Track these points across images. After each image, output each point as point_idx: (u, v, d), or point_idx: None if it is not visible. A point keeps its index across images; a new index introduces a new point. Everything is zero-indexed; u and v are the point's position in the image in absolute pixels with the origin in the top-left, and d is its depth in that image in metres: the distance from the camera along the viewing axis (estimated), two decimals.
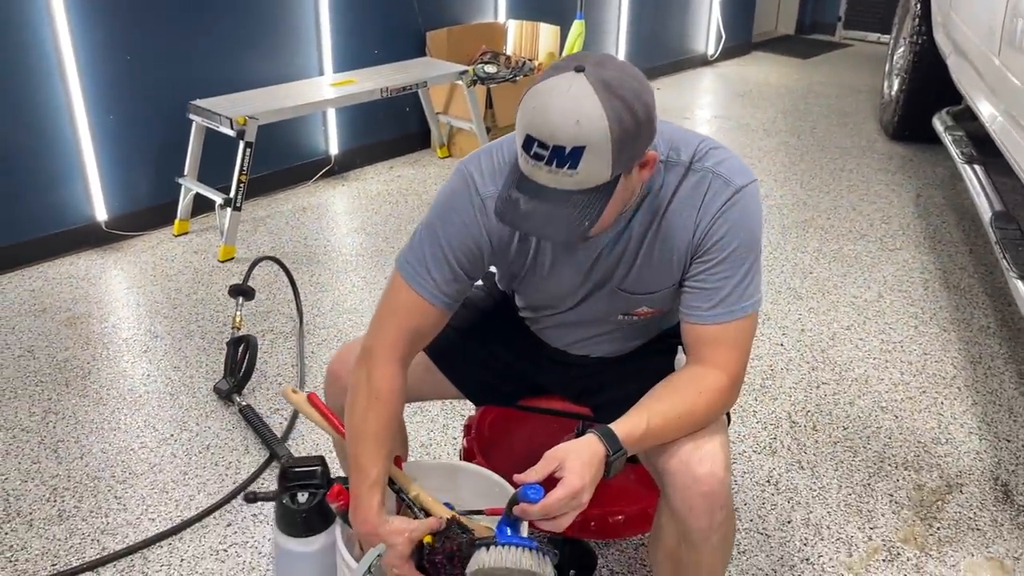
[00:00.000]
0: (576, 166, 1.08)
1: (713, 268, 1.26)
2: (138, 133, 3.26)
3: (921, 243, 3.34)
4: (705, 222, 1.26)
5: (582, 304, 1.42)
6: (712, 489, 1.24)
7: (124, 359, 2.55)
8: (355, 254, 3.23)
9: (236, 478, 2.07)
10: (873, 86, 5.50)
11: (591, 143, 1.07)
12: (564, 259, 1.34)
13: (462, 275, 1.31)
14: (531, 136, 1.09)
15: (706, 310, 1.27)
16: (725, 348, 1.27)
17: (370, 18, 3.89)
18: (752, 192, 1.27)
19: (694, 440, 1.26)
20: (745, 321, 1.27)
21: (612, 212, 1.19)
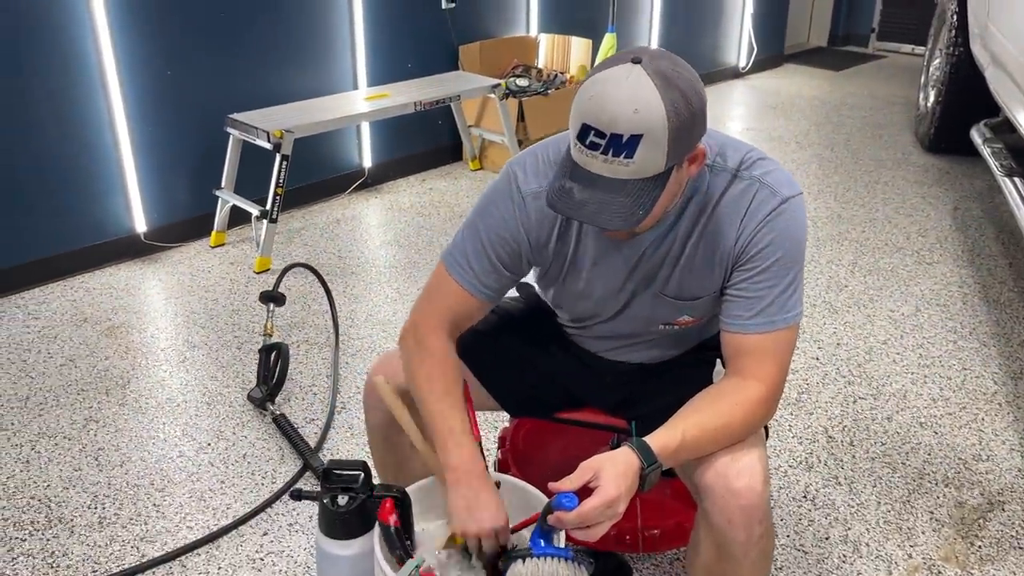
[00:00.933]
0: (632, 155, 1.10)
1: (756, 277, 1.26)
2: (177, 146, 3.32)
3: (959, 256, 3.30)
4: (749, 230, 1.25)
5: (623, 312, 1.41)
6: (751, 503, 1.23)
7: (162, 368, 2.59)
8: (388, 266, 3.25)
9: (272, 487, 2.08)
10: (908, 98, 5.45)
11: (648, 132, 1.08)
12: (606, 259, 1.34)
13: (501, 268, 1.35)
14: (588, 125, 1.10)
15: (747, 319, 1.26)
16: (764, 359, 1.26)
17: (404, 33, 3.93)
18: (798, 204, 1.27)
19: (731, 453, 1.25)
20: (786, 332, 1.27)
21: (662, 205, 1.19)
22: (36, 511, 2.00)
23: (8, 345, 2.70)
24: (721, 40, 5.86)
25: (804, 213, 1.28)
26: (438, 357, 1.35)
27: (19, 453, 2.20)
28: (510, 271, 1.36)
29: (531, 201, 1.31)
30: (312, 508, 2.00)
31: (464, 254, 1.35)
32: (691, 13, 5.53)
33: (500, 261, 1.34)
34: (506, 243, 1.33)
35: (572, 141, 1.14)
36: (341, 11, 3.68)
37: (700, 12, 5.60)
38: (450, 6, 4.04)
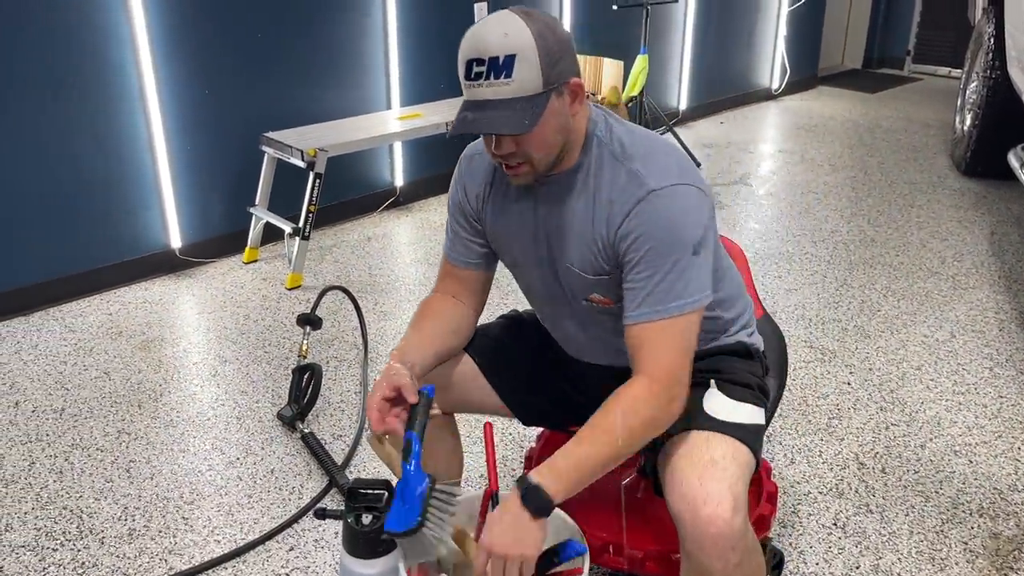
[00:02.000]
0: (511, 74, 1.22)
1: (634, 268, 1.30)
2: (213, 164, 3.38)
3: (996, 282, 3.24)
4: (616, 221, 1.31)
5: (550, 282, 1.46)
6: (719, 530, 1.23)
7: (194, 383, 2.62)
8: (417, 283, 3.27)
9: (299, 503, 2.10)
10: (943, 121, 5.39)
11: (520, 51, 1.22)
12: (514, 211, 1.43)
13: (463, 234, 1.50)
14: (470, 60, 1.24)
15: (632, 310, 1.30)
16: (649, 351, 1.29)
17: (437, 54, 3.97)
18: (670, 194, 1.28)
19: (700, 478, 1.27)
20: (670, 321, 1.28)
21: (550, 131, 1.28)
22: (68, 521, 2.03)
23: (46, 357, 2.75)
24: (754, 62, 5.84)
25: (680, 200, 1.29)
26: (430, 308, 1.51)
27: (53, 464, 2.24)
28: (468, 232, 1.50)
29: (465, 162, 1.50)
30: (338, 524, 2.00)
31: (446, 231, 1.55)
32: (723, 35, 5.53)
33: (461, 227, 1.50)
34: (458, 209, 1.50)
35: (462, 84, 1.27)
36: (376, 32, 3.74)
37: (732, 34, 5.59)
38: None
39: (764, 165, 4.70)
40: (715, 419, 1.37)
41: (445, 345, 1.49)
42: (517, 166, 1.31)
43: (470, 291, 1.53)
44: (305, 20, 3.49)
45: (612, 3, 4.51)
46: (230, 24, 3.28)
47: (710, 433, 1.35)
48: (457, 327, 1.51)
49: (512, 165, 1.32)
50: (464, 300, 1.53)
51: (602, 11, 4.58)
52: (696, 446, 1.32)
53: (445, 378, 1.54)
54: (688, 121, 5.46)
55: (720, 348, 1.51)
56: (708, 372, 1.45)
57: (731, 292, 1.52)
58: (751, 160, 4.77)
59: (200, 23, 3.20)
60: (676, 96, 5.41)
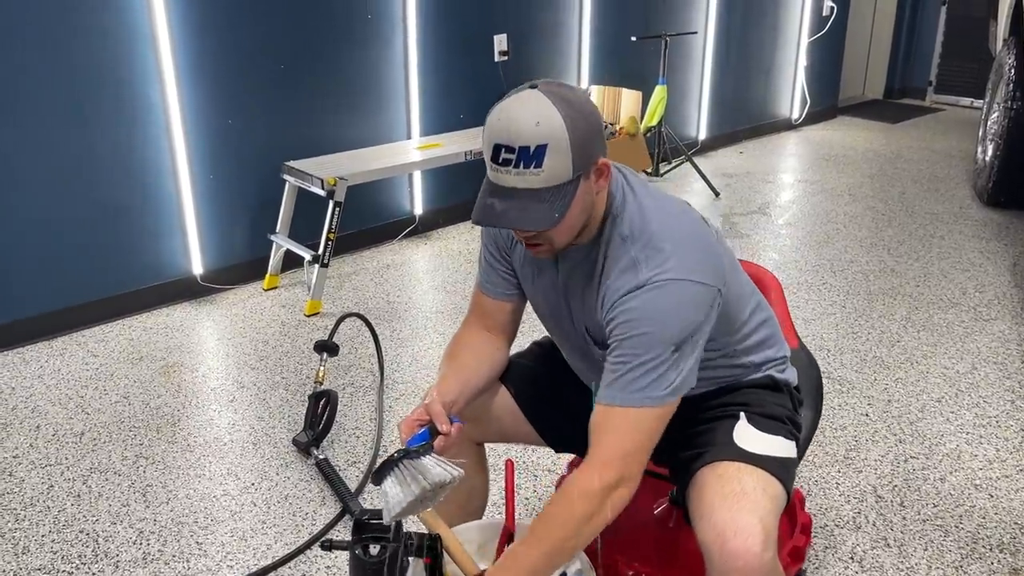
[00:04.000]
0: (541, 164, 1.20)
1: (614, 350, 1.27)
2: (235, 192, 3.44)
3: (1018, 314, 3.20)
4: (610, 302, 1.29)
5: (566, 327, 1.47)
6: (748, 564, 1.21)
7: (212, 408, 2.65)
8: (435, 311, 3.29)
9: (312, 529, 2.10)
10: (965, 151, 5.36)
11: (552, 141, 1.19)
12: (542, 275, 1.45)
13: (496, 266, 1.50)
14: (498, 144, 1.21)
15: (603, 387, 1.28)
16: (607, 437, 1.25)
17: (457, 85, 4.03)
18: (664, 287, 1.25)
19: (731, 512, 1.25)
20: (632, 411, 1.24)
21: (576, 215, 1.26)
22: (84, 544, 2.05)
23: (67, 381, 2.79)
24: (773, 92, 5.86)
25: (673, 296, 1.25)
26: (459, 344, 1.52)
27: (71, 487, 2.26)
28: (503, 266, 1.50)
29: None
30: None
31: (479, 268, 1.55)
32: (743, 65, 5.55)
33: (495, 259, 1.51)
34: (491, 242, 1.50)
35: (488, 164, 1.25)
36: (396, 64, 3.80)
37: (752, 64, 5.62)
38: (502, 59, 4.13)
39: (784, 195, 4.69)
40: (745, 451, 1.36)
41: (482, 380, 1.49)
42: (537, 245, 1.32)
43: (503, 322, 1.53)
44: (327, 51, 3.56)
45: (631, 35, 4.56)
46: (253, 55, 3.35)
47: (740, 464, 1.33)
48: (492, 361, 1.52)
49: (532, 244, 1.32)
50: (496, 332, 1.54)
51: (621, 42, 4.63)
52: (726, 476, 1.31)
53: (482, 410, 1.56)
54: (707, 151, 5.47)
55: (749, 383, 1.50)
56: (737, 405, 1.44)
57: (760, 338, 1.49)
58: (770, 190, 4.76)
59: (224, 55, 3.27)
60: (695, 126, 5.43)
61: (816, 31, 5.88)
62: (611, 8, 4.57)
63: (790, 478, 1.38)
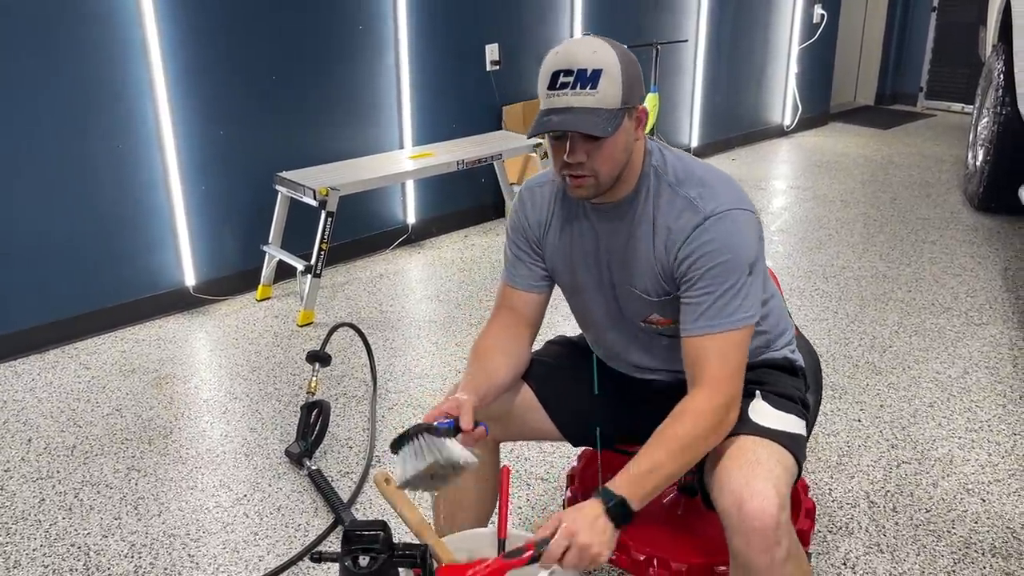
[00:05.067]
0: (596, 86, 1.32)
1: (693, 285, 1.39)
2: (227, 203, 3.44)
3: (1009, 318, 3.21)
4: (677, 246, 1.40)
5: (606, 297, 1.55)
6: (764, 524, 1.29)
7: (204, 419, 2.64)
8: (428, 320, 3.29)
9: (304, 540, 2.10)
10: (956, 156, 5.38)
11: (606, 68, 1.33)
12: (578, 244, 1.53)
13: (524, 257, 1.58)
14: (557, 71, 1.34)
15: (690, 323, 1.39)
16: (708, 362, 1.37)
17: (449, 94, 4.04)
18: (727, 217, 1.39)
19: (746, 478, 1.33)
20: (728, 335, 1.37)
21: (620, 147, 1.37)
22: (75, 558, 2.04)
23: (59, 394, 2.79)
24: (765, 99, 5.88)
25: (736, 224, 1.40)
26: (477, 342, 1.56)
27: (63, 500, 2.25)
28: (532, 258, 1.59)
29: (526, 192, 1.60)
30: None
31: (504, 262, 1.63)
32: (734, 72, 5.57)
33: (523, 252, 1.59)
34: (519, 235, 1.59)
35: (543, 96, 1.36)
36: (388, 74, 3.81)
37: (743, 71, 5.64)
38: (494, 68, 4.15)
39: (776, 201, 4.71)
40: (760, 426, 1.45)
41: (509, 378, 1.55)
42: (582, 177, 1.39)
43: (529, 315, 1.60)
44: (319, 62, 3.57)
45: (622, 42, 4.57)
46: (245, 66, 3.36)
47: (756, 438, 1.42)
48: (519, 359, 1.57)
49: (577, 175, 1.39)
50: (522, 326, 1.59)
51: None
52: (742, 449, 1.39)
53: (505, 409, 1.60)
54: (700, 158, 5.47)
55: (766, 362, 1.60)
56: (754, 383, 1.52)
57: (776, 308, 1.61)
58: (763, 196, 4.78)
59: (215, 66, 3.27)
60: (687, 133, 5.45)
61: (807, 38, 5.91)
62: (602, 16, 4.59)
63: (801, 452, 1.47)
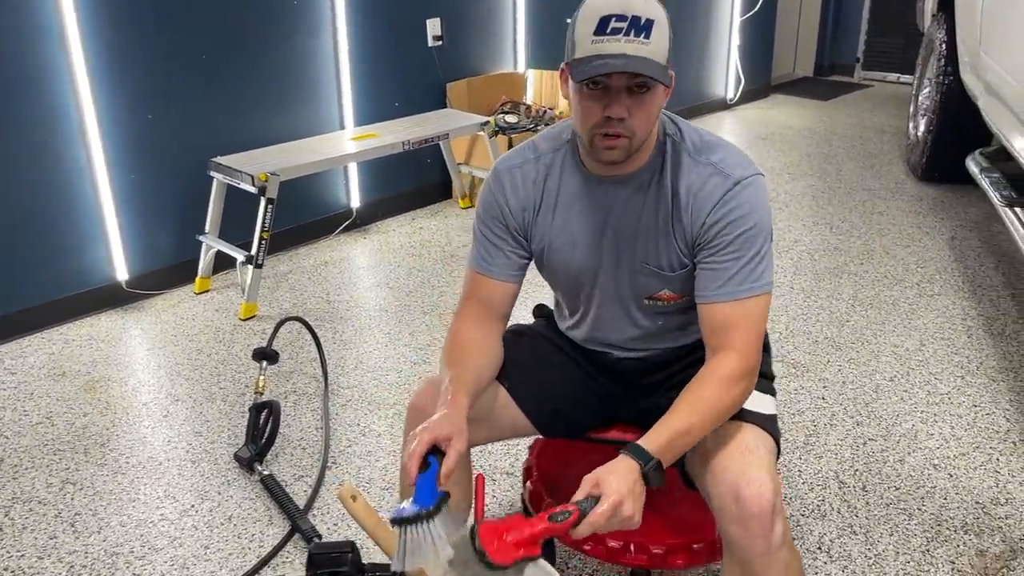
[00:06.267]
0: (649, 36, 1.24)
1: (719, 251, 1.35)
2: (159, 192, 3.24)
3: (960, 288, 3.24)
4: (704, 213, 1.35)
5: (607, 277, 1.46)
6: (762, 509, 1.27)
7: (144, 424, 2.48)
8: (379, 309, 3.16)
9: (259, 552, 1.98)
10: (897, 126, 5.44)
11: (658, 20, 1.25)
12: (583, 203, 1.43)
13: (500, 243, 1.47)
14: (608, 15, 1.24)
15: (715, 289, 1.36)
16: (737, 328, 1.34)
17: (390, 72, 3.88)
18: (753, 184, 1.36)
19: (741, 467, 1.31)
20: (755, 301, 1.35)
21: (657, 107, 1.31)
22: None
23: None
24: (708, 72, 5.85)
25: (760, 191, 1.37)
26: (452, 340, 1.46)
27: None
28: (511, 246, 1.48)
29: (504, 173, 1.47)
30: (302, 575, 1.89)
31: (474, 248, 1.51)
32: (678, 45, 5.49)
33: (502, 240, 1.47)
34: (495, 219, 1.47)
35: (585, 38, 1.25)
36: (326, 51, 3.64)
37: (685, 44, 5.59)
38: (436, 44, 4.00)
39: None
40: (744, 409, 1.40)
41: (488, 381, 1.46)
42: (617, 136, 1.30)
43: (502, 308, 1.51)
44: (251, 40, 3.38)
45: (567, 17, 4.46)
46: (172, 47, 3.15)
47: (742, 423, 1.39)
48: (497, 357, 1.50)
49: (615, 133, 1.29)
50: (494, 319, 1.51)
51: (557, 24, 4.53)
52: (729, 435, 1.36)
53: (484, 412, 1.49)
54: None
55: None
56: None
57: None
58: None
59: (140, 47, 3.06)
60: None
61: (748, 9, 5.88)
62: None
63: (778, 432, 1.46)
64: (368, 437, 2.40)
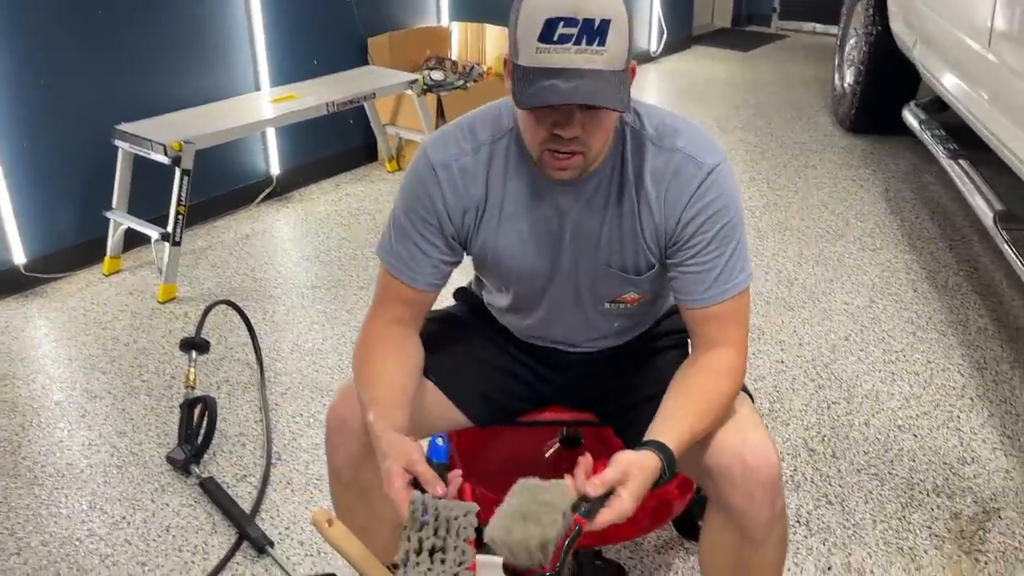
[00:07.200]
0: (604, 42, 1.06)
1: (700, 253, 1.25)
2: (57, 164, 2.93)
3: (900, 241, 3.24)
4: (679, 208, 1.23)
5: (562, 283, 1.33)
6: (769, 476, 1.22)
7: (59, 427, 2.24)
8: (311, 286, 2.96)
9: (205, 565, 1.79)
10: (818, 77, 5.44)
11: (615, 18, 1.07)
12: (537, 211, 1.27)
13: (432, 252, 1.30)
14: (555, 18, 1.05)
15: (701, 293, 1.26)
16: (727, 324, 1.28)
17: (307, 27, 3.61)
18: (723, 170, 1.25)
19: (740, 435, 1.24)
20: (741, 296, 1.28)
21: (613, 121, 1.17)
22: None
23: None
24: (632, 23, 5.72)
25: (732, 175, 1.26)
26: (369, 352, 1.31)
27: None
28: (443, 253, 1.31)
29: (440, 169, 1.26)
30: None
31: (392, 247, 1.32)
32: None
33: (432, 247, 1.30)
34: (427, 223, 1.29)
35: (529, 46, 1.07)
36: (236, 5, 3.34)
37: None
38: None
39: None
40: None
41: (414, 387, 1.31)
42: (570, 156, 1.14)
43: (420, 313, 1.36)
44: None
45: None
46: (61, 3, 2.82)
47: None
48: (418, 361, 1.35)
49: (564, 155, 1.14)
50: (410, 324, 1.36)
51: None
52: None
53: (416, 411, 1.33)
54: None
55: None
56: (678, 332, 1.44)
57: None
58: None
59: (21, 6, 2.72)
60: None
61: None
62: None
63: (747, 389, 1.38)
64: (314, 428, 2.22)
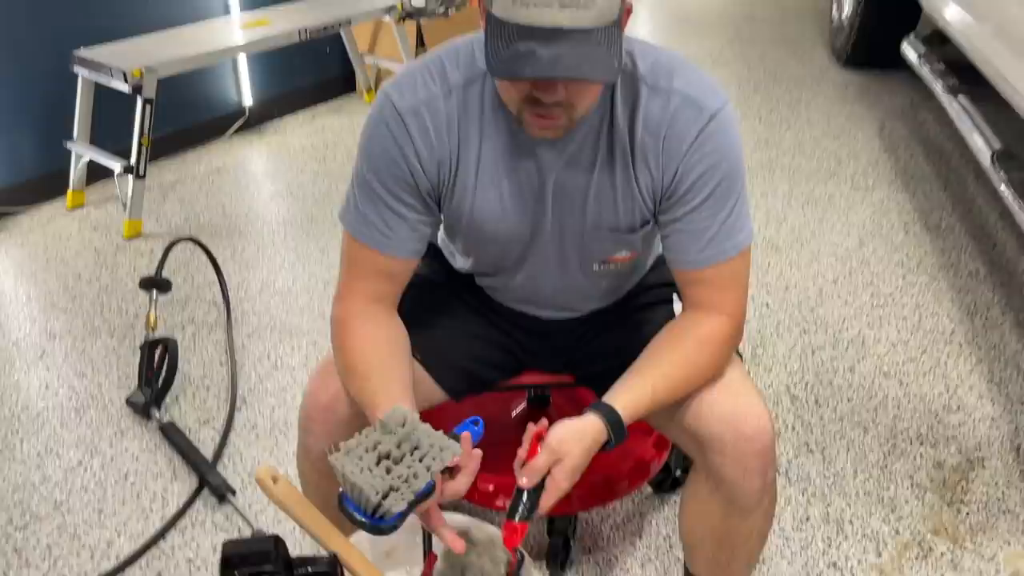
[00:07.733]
0: None
1: (697, 209, 1.13)
2: (13, 93, 2.79)
3: (893, 180, 3.14)
4: (677, 157, 1.10)
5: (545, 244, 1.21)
6: (764, 445, 1.16)
7: (16, 367, 2.16)
8: (282, 222, 2.85)
9: (164, 513, 1.74)
10: (814, 8, 5.26)
11: None
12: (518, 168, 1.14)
13: (405, 212, 1.15)
14: None
15: (696, 253, 1.15)
16: (721, 289, 1.17)
17: None
18: (726, 115, 1.12)
19: (732, 400, 1.17)
20: (740, 257, 1.16)
21: (599, 91, 1.06)
22: None
23: None
24: None
25: (734, 121, 1.13)
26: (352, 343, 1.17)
27: None
28: (419, 213, 1.16)
29: (409, 115, 1.11)
30: (217, 537, 1.67)
31: (360, 211, 1.16)
32: None
33: (401, 202, 1.14)
34: (398, 180, 1.13)
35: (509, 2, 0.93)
36: None
37: None
38: None
39: None
40: None
41: (411, 377, 1.18)
42: (553, 116, 1.02)
43: (399, 285, 1.22)
44: None
45: None
46: None
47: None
48: (407, 345, 1.22)
49: (547, 114, 1.02)
50: (389, 301, 1.22)
51: None
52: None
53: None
54: None
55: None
56: (663, 285, 1.37)
57: None
58: None
59: None
60: None
61: None
62: None
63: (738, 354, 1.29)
64: (281, 371, 2.15)
